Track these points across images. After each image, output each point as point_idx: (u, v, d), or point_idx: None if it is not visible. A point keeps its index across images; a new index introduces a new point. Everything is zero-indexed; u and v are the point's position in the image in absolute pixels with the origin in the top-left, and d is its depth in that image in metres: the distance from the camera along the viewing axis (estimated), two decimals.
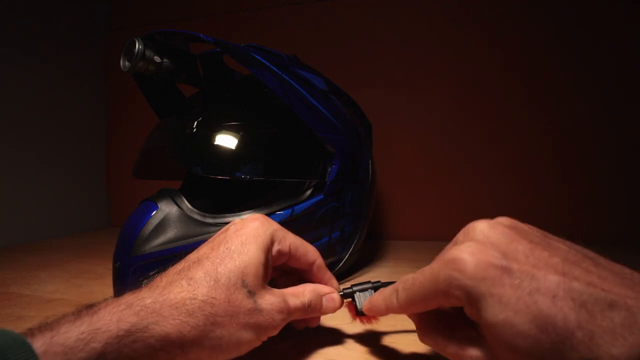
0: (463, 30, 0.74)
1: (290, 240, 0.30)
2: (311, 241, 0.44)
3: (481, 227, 0.22)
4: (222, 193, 0.50)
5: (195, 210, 0.41)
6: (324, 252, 0.45)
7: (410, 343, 0.31)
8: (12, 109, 0.74)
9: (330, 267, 0.45)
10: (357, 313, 0.31)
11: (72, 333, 0.19)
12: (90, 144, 0.92)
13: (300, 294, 0.29)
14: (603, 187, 0.68)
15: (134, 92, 0.49)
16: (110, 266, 0.40)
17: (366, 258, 0.59)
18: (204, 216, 0.40)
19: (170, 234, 0.39)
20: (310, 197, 0.44)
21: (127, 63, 0.40)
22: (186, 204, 0.41)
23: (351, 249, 0.48)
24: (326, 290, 0.31)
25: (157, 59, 0.41)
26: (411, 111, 0.77)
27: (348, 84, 0.60)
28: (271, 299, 0.27)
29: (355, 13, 0.80)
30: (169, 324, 0.22)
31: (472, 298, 0.20)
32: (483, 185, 0.73)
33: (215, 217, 0.41)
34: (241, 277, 0.26)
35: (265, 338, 0.27)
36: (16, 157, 0.74)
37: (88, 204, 0.92)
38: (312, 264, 0.31)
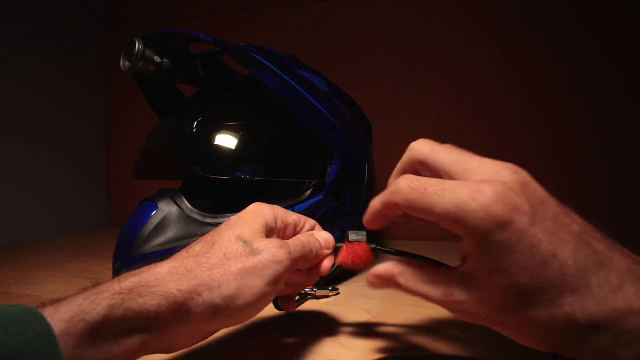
0: (463, 30, 0.74)
1: (291, 214, 0.31)
2: None
3: (514, 177, 0.21)
4: (222, 193, 0.50)
5: (195, 210, 0.41)
6: None
7: (410, 343, 0.31)
8: (12, 109, 0.73)
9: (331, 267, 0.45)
10: (346, 239, 0.30)
11: (78, 299, 0.20)
12: (90, 144, 0.92)
13: (295, 239, 0.29)
14: (603, 187, 0.68)
15: (134, 92, 0.49)
16: (110, 266, 0.41)
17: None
18: (204, 216, 0.40)
19: (170, 234, 0.39)
20: (310, 197, 0.44)
21: (127, 63, 0.40)
22: (186, 204, 0.41)
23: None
24: (315, 232, 0.31)
25: (157, 59, 0.41)
26: (411, 111, 0.77)
27: (348, 84, 0.60)
28: (268, 242, 0.26)
29: (355, 13, 0.80)
30: (168, 280, 0.23)
31: (485, 235, 0.19)
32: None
33: (215, 217, 0.41)
34: (235, 234, 0.26)
35: (275, 282, 0.25)
36: (16, 157, 0.74)
37: (88, 204, 0.92)
38: (312, 228, 0.33)
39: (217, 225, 0.40)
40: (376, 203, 0.25)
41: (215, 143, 0.41)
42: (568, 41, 0.69)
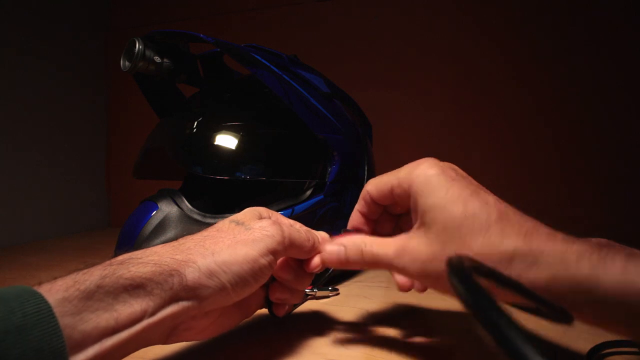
0: (463, 30, 0.74)
1: (288, 220, 0.31)
2: None
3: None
4: (222, 193, 0.50)
5: (195, 210, 0.41)
6: None
7: (410, 343, 0.31)
8: (12, 109, 0.73)
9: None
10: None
11: (72, 274, 0.21)
12: (90, 144, 0.92)
13: (296, 224, 0.30)
14: (604, 187, 0.68)
15: (134, 92, 0.49)
16: None
17: None
18: (204, 216, 0.40)
19: (170, 233, 0.39)
20: (310, 197, 0.44)
21: (127, 63, 0.40)
22: (186, 204, 0.41)
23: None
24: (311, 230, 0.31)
25: (157, 59, 0.41)
26: (411, 111, 0.77)
27: (348, 84, 0.60)
28: (261, 221, 0.28)
29: (355, 13, 0.80)
30: (161, 252, 0.24)
31: (422, 186, 0.26)
32: (483, 184, 0.72)
33: (215, 217, 0.41)
34: (229, 220, 0.28)
35: (268, 254, 0.26)
36: (16, 157, 0.74)
37: (88, 204, 0.92)
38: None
39: None
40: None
41: (215, 143, 0.41)
42: (568, 41, 0.69)
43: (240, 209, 0.41)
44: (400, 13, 0.77)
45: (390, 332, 0.34)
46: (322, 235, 0.32)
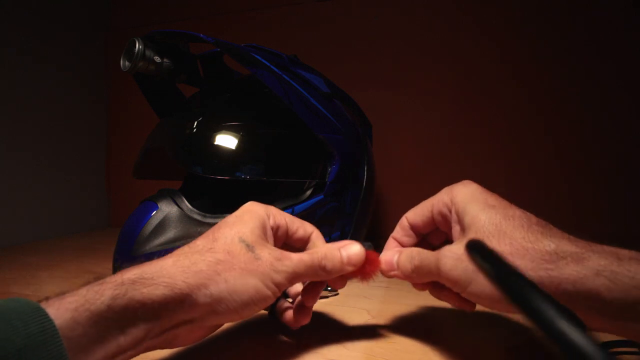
0: (463, 30, 0.74)
1: (284, 215, 0.31)
2: None
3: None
4: (222, 193, 0.50)
5: (195, 210, 0.41)
6: None
7: (410, 343, 0.31)
8: (12, 109, 0.73)
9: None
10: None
11: (82, 291, 0.20)
12: (90, 144, 0.92)
13: (310, 251, 0.29)
14: (604, 188, 0.68)
15: (134, 92, 0.49)
16: (110, 266, 0.41)
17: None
18: (204, 216, 0.40)
19: (170, 233, 0.39)
20: (310, 197, 0.44)
21: (127, 63, 0.40)
22: (186, 204, 0.41)
23: None
24: (342, 243, 0.30)
25: (157, 59, 0.41)
26: (411, 111, 0.77)
27: (348, 84, 0.60)
28: (270, 250, 0.27)
29: (355, 13, 0.80)
30: (173, 272, 0.23)
31: (465, 196, 0.29)
32: (483, 185, 0.72)
33: (215, 217, 0.41)
34: (237, 235, 0.27)
35: (274, 287, 0.26)
36: (16, 157, 0.74)
37: (88, 204, 0.92)
38: (310, 234, 0.32)
39: None
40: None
41: (215, 143, 0.41)
42: (568, 41, 0.69)
43: None
44: (400, 13, 0.77)
45: (390, 332, 0.34)
46: (349, 254, 0.29)
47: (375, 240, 0.34)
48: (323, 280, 0.31)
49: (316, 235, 0.32)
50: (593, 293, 0.22)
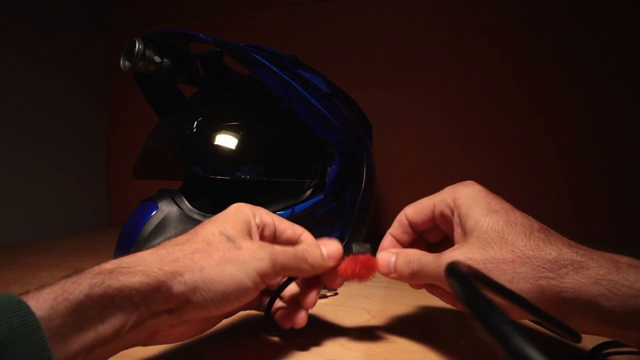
0: (463, 30, 0.74)
1: (272, 215, 0.31)
2: None
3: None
4: (222, 193, 0.50)
5: (195, 210, 0.41)
6: None
7: (410, 343, 0.31)
8: (12, 109, 0.73)
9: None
10: (350, 252, 0.30)
11: (60, 283, 0.21)
12: (90, 144, 0.92)
13: (292, 246, 0.29)
14: (604, 188, 0.68)
15: (134, 92, 0.49)
16: None
17: None
18: (204, 216, 0.40)
19: (170, 233, 0.39)
20: (310, 197, 0.44)
21: (127, 63, 0.40)
22: (186, 204, 0.41)
23: None
24: (322, 240, 0.30)
25: (157, 59, 0.41)
26: (411, 111, 0.77)
27: (348, 84, 0.60)
28: (252, 241, 0.27)
29: (355, 13, 0.80)
30: (149, 261, 0.23)
31: (467, 198, 0.28)
32: (483, 185, 0.72)
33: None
34: (218, 229, 0.26)
35: (256, 277, 0.25)
36: (16, 157, 0.74)
37: (88, 204, 0.92)
38: (299, 235, 0.31)
39: None
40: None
41: (215, 143, 0.41)
42: (568, 41, 0.69)
43: None
44: (400, 13, 0.77)
45: (390, 332, 0.34)
46: (330, 249, 0.30)
47: (375, 240, 0.34)
48: (319, 281, 0.31)
49: (305, 236, 0.31)
50: (592, 301, 0.22)
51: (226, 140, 0.41)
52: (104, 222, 0.95)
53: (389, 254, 0.30)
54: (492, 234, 0.26)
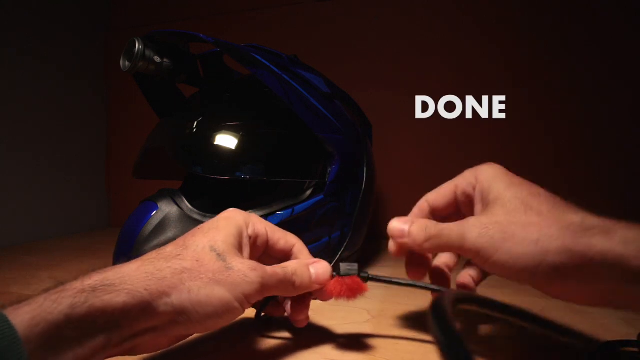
0: (463, 30, 0.74)
1: (265, 224, 0.30)
2: (311, 241, 0.44)
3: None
4: (222, 193, 0.50)
5: (195, 210, 0.41)
6: (324, 252, 0.45)
7: (410, 343, 0.31)
8: (12, 109, 0.73)
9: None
10: (337, 272, 0.30)
11: (39, 299, 0.20)
12: (90, 144, 0.92)
13: (282, 265, 0.28)
14: (604, 188, 0.68)
15: (134, 92, 0.49)
16: (110, 266, 0.40)
17: (366, 258, 0.59)
18: (204, 216, 0.40)
19: (170, 233, 0.39)
20: (310, 197, 0.44)
21: (127, 63, 0.40)
22: (186, 204, 0.41)
23: (351, 249, 0.48)
24: (312, 260, 0.30)
25: (157, 59, 0.41)
26: (411, 111, 0.77)
27: (348, 84, 0.59)
28: (243, 260, 0.26)
29: (355, 13, 0.80)
30: (135, 279, 0.22)
31: (489, 175, 0.29)
32: None
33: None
34: (209, 244, 0.26)
35: (244, 300, 0.25)
36: (16, 157, 0.74)
37: (88, 204, 0.92)
38: (292, 246, 0.31)
39: None
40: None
41: (215, 143, 0.41)
42: (568, 41, 0.69)
43: (240, 209, 0.41)
44: (400, 13, 0.77)
45: (390, 332, 0.34)
46: (318, 272, 0.29)
47: (375, 241, 0.34)
48: (309, 296, 0.31)
49: (299, 248, 0.31)
50: (621, 262, 0.22)
51: (226, 140, 0.41)
52: (104, 222, 0.95)
53: (401, 221, 0.30)
54: (516, 202, 0.26)
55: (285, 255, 0.31)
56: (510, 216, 0.25)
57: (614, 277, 0.23)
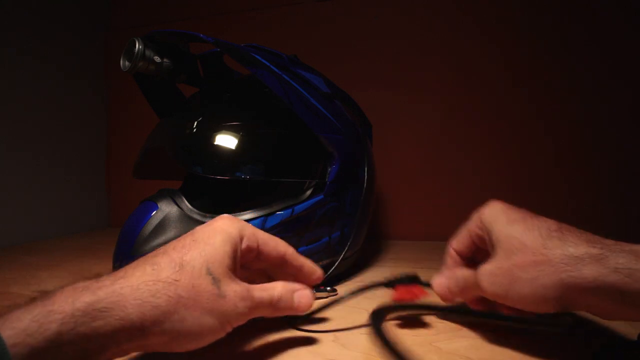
0: (463, 30, 0.74)
1: (259, 236, 0.30)
2: (311, 241, 0.44)
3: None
4: (222, 193, 0.50)
5: (195, 210, 0.41)
6: (324, 252, 0.45)
7: (409, 343, 0.31)
8: (12, 109, 0.73)
9: (330, 267, 0.45)
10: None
11: (25, 317, 0.19)
12: (90, 144, 0.92)
13: (269, 288, 0.29)
14: (604, 188, 0.68)
15: (134, 92, 0.49)
16: (110, 266, 0.40)
17: (366, 258, 0.59)
18: (204, 216, 0.40)
19: (170, 233, 0.39)
20: (310, 197, 0.44)
21: (127, 63, 0.40)
22: (186, 204, 0.41)
23: (351, 249, 0.48)
24: (298, 287, 0.30)
25: (157, 59, 0.41)
26: (411, 111, 0.77)
27: (348, 84, 0.60)
28: (235, 287, 0.26)
29: (355, 13, 0.80)
30: (129, 304, 0.22)
31: (490, 216, 0.31)
32: (483, 185, 0.73)
33: (215, 217, 0.41)
34: (206, 265, 0.26)
35: (229, 328, 0.26)
36: (16, 157, 0.74)
37: (88, 204, 0.92)
38: (283, 255, 0.31)
39: None
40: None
41: (215, 143, 0.41)
42: (568, 41, 0.69)
43: (240, 209, 0.41)
44: (400, 13, 0.77)
45: (390, 332, 0.34)
46: (302, 302, 0.30)
47: (375, 241, 0.34)
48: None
49: (291, 256, 0.32)
50: (613, 288, 0.23)
51: (226, 140, 0.41)
52: (104, 222, 0.95)
53: (442, 278, 0.34)
54: (514, 241, 0.28)
55: (276, 263, 0.32)
56: (510, 260, 0.28)
57: (615, 300, 0.24)
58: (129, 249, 0.39)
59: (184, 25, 0.86)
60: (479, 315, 0.34)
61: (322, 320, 0.37)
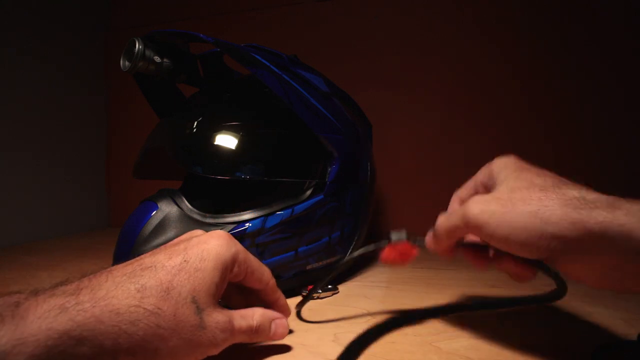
0: (463, 30, 0.74)
1: (249, 264, 0.30)
2: (311, 241, 0.44)
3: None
4: (222, 193, 0.50)
5: (195, 210, 0.41)
6: (324, 252, 0.45)
7: (409, 343, 0.31)
8: (12, 109, 0.73)
9: (330, 267, 0.45)
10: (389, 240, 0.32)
11: (18, 331, 0.19)
12: (90, 144, 0.92)
13: (249, 316, 0.29)
14: (604, 188, 0.68)
15: (134, 92, 0.49)
16: (110, 266, 0.40)
17: (366, 258, 0.59)
18: (204, 216, 0.40)
19: (170, 234, 0.39)
20: (310, 197, 0.44)
21: (127, 63, 0.40)
22: (186, 204, 0.41)
23: (351, 249, 0.48)
24: (276, 315, 0.31)
25: (157, 59, 0.41)
26: (411, 111, 0.77)
27: (348, 84, 0.60)
28: (217, 317, 0.26)
29: (355, 13, 0.80)
30: (106, 331, 0.22)
31: (500, 164, 0.31)
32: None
33: (215, 217, 0.41)
34: (192, 293, 0.25)
35: (203, 357, 0.26)
36: (16, 157, 0.74)
37: (88, 204, 0.92)
38: (265, 286, 0.31)
39: (217, 225, 0.40)
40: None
41: (215, 143, 0.41)
42: (568, 41, 0.69)
43: (240, 209, 0.41)
44: (400, 13, 0.77)
45: (390, 332, 0.34)
46: (279, 331, 0.30)
47: (375, 241, 0.34)
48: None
49: (271, 289, 0.32)
50: (623, 232, 0.22)
51: (226, 140, 0.41)
52: (104, 222, 0.95)
53: (428, 236, 0.32)
54: (521, 181, 0.27)
55: (260, 288, 0.32)
56: (512, 192, 0.26)
57: (616, 251, 0.23)
58: (129, 249, 0.39)
59: (184, 25, 0.86)
60: (474, 308, 0.32)
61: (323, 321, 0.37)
